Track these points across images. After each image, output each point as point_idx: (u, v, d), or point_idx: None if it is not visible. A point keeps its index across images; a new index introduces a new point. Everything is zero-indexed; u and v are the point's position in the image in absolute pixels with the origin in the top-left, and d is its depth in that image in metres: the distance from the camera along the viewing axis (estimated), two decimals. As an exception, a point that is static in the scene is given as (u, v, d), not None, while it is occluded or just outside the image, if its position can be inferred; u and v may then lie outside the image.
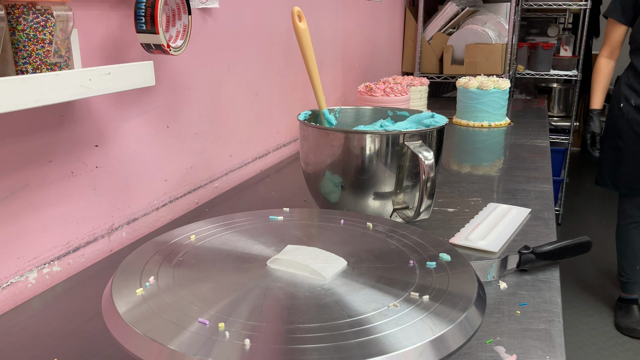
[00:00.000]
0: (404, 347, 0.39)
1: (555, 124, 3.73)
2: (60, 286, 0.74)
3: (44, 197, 0.73)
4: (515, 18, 2.75)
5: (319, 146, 0.83)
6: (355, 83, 1.99)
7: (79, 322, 0.65)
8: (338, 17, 1.76)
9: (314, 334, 0.41)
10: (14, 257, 0.70)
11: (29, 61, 0.61)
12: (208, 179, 1.12)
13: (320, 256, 0.53)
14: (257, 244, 0.58)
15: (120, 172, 0.87)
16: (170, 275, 0.50)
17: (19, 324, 0.65)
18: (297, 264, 0.51)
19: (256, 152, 1.31)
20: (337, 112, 0.98)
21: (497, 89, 1.79)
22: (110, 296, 0.47)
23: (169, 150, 0.98)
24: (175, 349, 0.39)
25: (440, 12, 2.58)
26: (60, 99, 0.62)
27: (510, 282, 0.73)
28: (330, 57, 1.74)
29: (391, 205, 0.82)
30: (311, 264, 0.51)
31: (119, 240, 0.88)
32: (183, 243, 0.58)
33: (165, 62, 0.94)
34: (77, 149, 0.78)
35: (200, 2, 1.01)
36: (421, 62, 2.58)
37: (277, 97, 1.38)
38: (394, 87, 1.54)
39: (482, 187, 1.15)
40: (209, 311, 0.44)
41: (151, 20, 0.75)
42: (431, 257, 0.55)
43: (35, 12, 0.60)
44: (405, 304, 0.45)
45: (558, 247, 0.77)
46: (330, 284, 0.49)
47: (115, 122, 0.85)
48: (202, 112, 1.07)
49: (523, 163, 1.35)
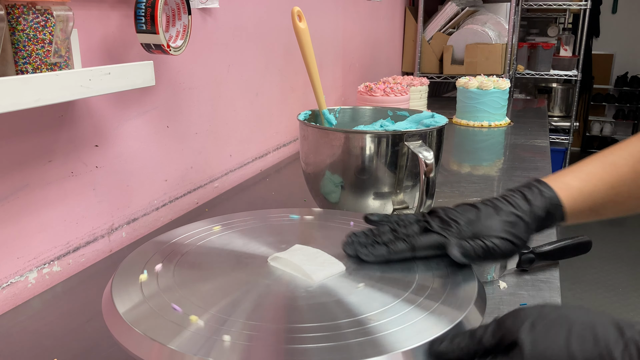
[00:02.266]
0: (404, 347, 0.39)
1: (555, 124, 3.73)
2: (60, 286, 0.74)
3: (44, 197, 0.73)
4: (515, 18, 2.75)
5: (319, 146, 0.83)
6: (355, 83, 1.99)
7: (79, 322, 0.65)
8: (338, 17, 1.76)
9: (314, 334, 0.41)
10: (13, 257, 0.70)
11: (29, 61, 0.61)
12: (208, 179, 1.12)
13: (319, 258, 0.53)
14: (257, 244, 0.58)
15: (120, 172, 0.87)
16: (170, 275, 0.50)
17: (19, 324, 0.65)
18: (292, 264, 0.51)
19: (256, 152, 1.31)
20: (337, 112, 0.98)
21: (497, 88, 1.79)
22: (110, 296, 0.47)
23: (169, 150, 0.98)
24: (175, 349, 0.39)
25: (440, 12, 2.58)
26: (60, 99, 0.62)
27: (510, 282, 0.73)
28: (330, 57, 1.74)
29: (391, 205, 0.82)
30: (304, 265, 0.50)
31: (119, 240, 0.88)
32: (183, 243, 0.58)
33: (165, 62, 0.94)
34: (77, 149, 0.78)
35: (200, 2, 1.00)
36: (421, 62, 2.58)
37: (277, 97, 1.38)
38: (394, 87, 1.54)
39: (482, 187, 1.15)
40: (209, 311, 0.44)
41: (151, 20, 0.75)
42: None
43: (35, 12, 0.60)
44: (405, 304, 0.45)
45: (558, 247, 0.77)
46: (330, 284, 0.49)
47: (115, 122, 0.85)
48: (202, 112, 1.07)
49: (523, 163, 1.35)
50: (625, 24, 5.37)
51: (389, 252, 0.52)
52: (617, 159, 0.56)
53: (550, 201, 0.53)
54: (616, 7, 5.39)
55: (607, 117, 5.70)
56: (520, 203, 0.53)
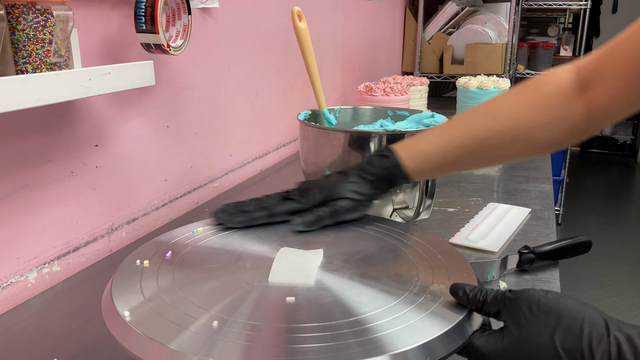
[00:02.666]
0: (403, 347, 0.39)
1: (555, 123, 3.72)
2: (60, 286, 0.74)
3: (44, 197, 0.73)
4: (515, 18, 2.74)
5: (319, 146, 0.83)
6: (355, 83, 1.99)
7: (79, 322, 0.65)
8: (338, 17, 1.76)
9: (314, 334, 0.41)
10: (13, 257, 0.70)
11: (29, 61, 0.61)
12: (208, 179, 1.12)
13: (303, 257, 0.53)
14: (257, 244, 0.58)
15: (120, 172, 0.87)
16: (170, 275, 0.50)
17: (19, 324, 0.65)
18: (289, 275, 0.51)
19: (256, 152, 1.31)
20: (337, 112, 0.98)
21: (497, 88, 1.79)
22: (110, 296, 0.47)
23: (169, 150, 0.98)
24: (176, 349, 0.39)
25: (440, 12, 2.58)
26: (60, 99, 0.62)
27: (510, 282, 0.73)
28: (330, 57, 1.74)
29: (391, 205, 0.82)
30: (296, 272, 0.50)
31: (119, 240, 0.88)
32: (183, 243, 0.58)
33: (165, 62, 0.94)
34: (77, 149, 0.78)
35: (200, 2, 1.00)
36: (421, 61, 2.58)
37: (277, 97, 1.38)
38: (394, 87, 1.54)
39: (482, 187, 1.15)
40: (209, 311, 0.44)
41: (151, 20, 0.75)
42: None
43: (35, 12, 0.60)
44: (405, 304, 0.45)
45: (558, 247, 0.77)
46: (330, 284, 0.49)
47: (115, 122, 0.85)
48: (202, 112, 1.07)
49: (523, 163, 1.35)
50: (625, 24, 5.32)
51: (249, 218, 0.61)
52: (472, 119, 0.61)
53: (391, 162, 0.62)
54: (616, 7, 5.39)
55: (607, 117, 5.69)
56: (365, 166, 0.63)
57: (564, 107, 0.57)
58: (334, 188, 0.63)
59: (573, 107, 0.56)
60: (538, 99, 0.58)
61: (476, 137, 0.59)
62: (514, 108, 0.59)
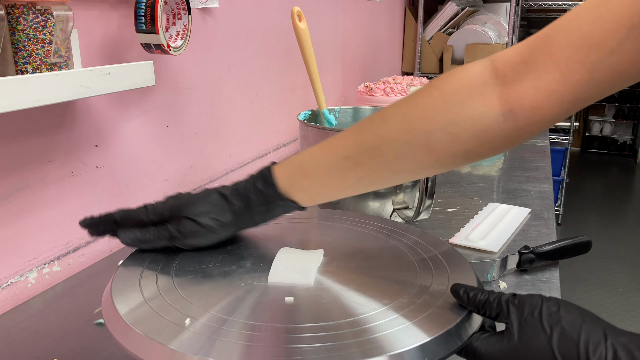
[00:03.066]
0: (403, 347, 0.39)
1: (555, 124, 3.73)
2: (60, 286, 0.74)
3: (44, 197, 0.73)
4: (515, 18, 2.75)
5: (318, 146, 0.83)
6: (355, 83, 1.99)
7: (79, 322, 0.65)
8: (338, 17, 1.76)
9: (314, 334, 0.41)
10: (13, 257, 0.70)
11: (29, 61, 0.61)
12: (208, 179, 1.12)
13: (303, 257, 0.53)
14: (257, 244, 0.58)
15: (120, 172, 0.87)
16: (170, 275, 0.50)
17: (19, 324, 0.65)
18: (288, 276, 0.51)
19: (256, 152, 1.31)
20: (337, 112, 0.98)
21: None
22: (110, 296, 0.47)
23: (169, 150, 0.98)
24: (175, 349, 0.39)
25: (440, 12, 2.59)
26: (60, 99, 0.62)
27: (510, 282, 0.73)
28: (330, 57, 1.74)
29: (391, 205, 0.82)
30: (295, 272, 0.50)
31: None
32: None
33: (165, 62, 0.94)
34: (77, 149, 0.78)
35: (200, 2, 1.01)
36: (421, 62, 2.58)
37: (277, 97, 1.38)
38: (393, 87, 1.54)
39: (482, 187, 1.15)
40: (209, 311, 0.44)
41: (151, 20, 0.75)
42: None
43: (35, 12, 0.60)
44: (405, 304, 0.45)
45: (558, 247, 0.77)
46: (329, 284, 0.49)
47: (115, 122, 0.85)
48: (202, 112, 1.07)
49: (523, 163, 1.35)
50: (625, 23, 5.35)
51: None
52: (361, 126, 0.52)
53: (263, 182, 0.54)
54: (616, 7, 5.38)
55: (607, 117, 5.71)
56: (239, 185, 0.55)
57: (471, 106, 0.47)
58: (185, 206, 0.54)
59: (485, 106, 0.47)
60: (438, 96, 0.48)
61: (363, 145, 0.50)
62: (408, 110, 0.50)
